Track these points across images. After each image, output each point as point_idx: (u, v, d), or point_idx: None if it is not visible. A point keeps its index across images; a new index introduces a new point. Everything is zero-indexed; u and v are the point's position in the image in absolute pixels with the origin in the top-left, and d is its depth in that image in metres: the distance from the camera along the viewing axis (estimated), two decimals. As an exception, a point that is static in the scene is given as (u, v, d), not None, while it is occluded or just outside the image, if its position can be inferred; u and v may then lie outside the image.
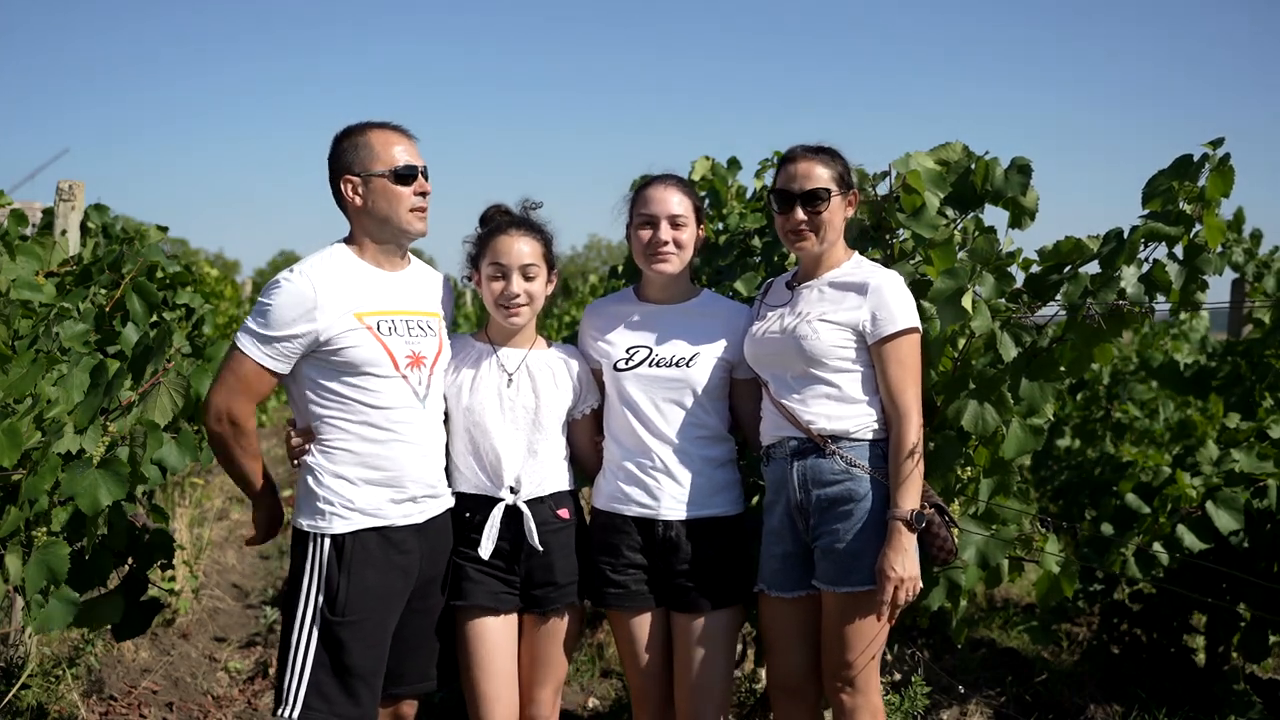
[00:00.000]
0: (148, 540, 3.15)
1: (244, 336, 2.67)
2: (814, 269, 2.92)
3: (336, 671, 2.66)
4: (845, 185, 2.88)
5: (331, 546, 2.68)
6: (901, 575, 2.68)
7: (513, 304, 2.90)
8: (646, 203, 2.98)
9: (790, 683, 2.95)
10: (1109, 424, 6.48)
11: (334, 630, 2.66)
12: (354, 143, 2.77)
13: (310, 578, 2.68)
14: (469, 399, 2.91)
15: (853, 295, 2.80)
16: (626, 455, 2.97)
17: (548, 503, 2.93)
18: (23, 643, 4.21)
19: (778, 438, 2.88)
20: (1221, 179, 2.90)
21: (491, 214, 3.06)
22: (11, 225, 3.77)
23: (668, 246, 2.95)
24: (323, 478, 2.71)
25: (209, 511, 7.63)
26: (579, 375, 3.03)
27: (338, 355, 2.68)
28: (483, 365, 2.96)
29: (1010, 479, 3.20)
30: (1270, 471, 4.06)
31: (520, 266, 2.90)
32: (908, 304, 2.79)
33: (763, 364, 2.92)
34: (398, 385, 2.73)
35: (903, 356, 2.76)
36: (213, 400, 2.69)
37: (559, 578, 2.92)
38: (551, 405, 2.96)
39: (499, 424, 2.90)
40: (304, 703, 2.64)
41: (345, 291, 2.70)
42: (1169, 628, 4.64)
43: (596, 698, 4.62)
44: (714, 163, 4.20)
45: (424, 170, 2.80)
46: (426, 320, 2.84)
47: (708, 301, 3.09)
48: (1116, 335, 3.00)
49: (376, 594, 2.70)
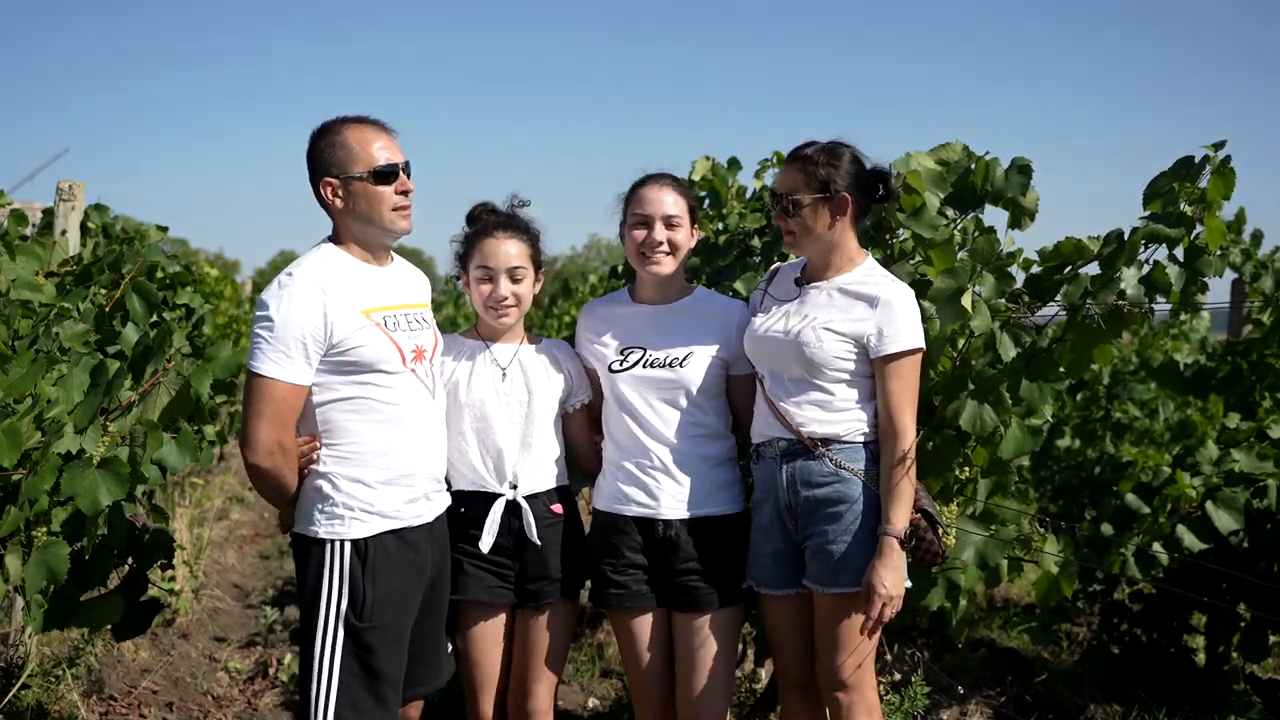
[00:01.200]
0: (148, 540, 3.15)
1: (261, 361, 2.54)
2: (823, 269, 2.88)
3: (366, 679, 2.60)
4: (827, 190, 2.78)
5: (353, 552, 2.62)
6: (891, 593, 2.68)
7: (501, 306, 2.93)
8: (641, 203, 2.97)
9: (796, 677, 2.96)
10: (1109, 424, 6.48)
11: (362, 637, 2.59)
12: (330, 142, 2.67)
13: (331, 585, 2.60)
14: (468, 395, 2.93)
15: (862, 306, 2.77)
16: (625, 456, 2.97)
17: (542, 498, 2.96)
18: (23, 643, 4.21)
19: (768, 437, 2.88)
20: (1222, 181, 2.90)
21: (478, 213, 3.06)
22: (11, 225, 3.78)
23: (662, 247, 2.94)
24: (339, 483, 2.64)
25: (209, 511, 7.63)
26: (569, 368, 3.06)
27: (349, 355, 2.61)
28: (477, 361, 2.98)
29: (1009, 479, 3.20)
30: (1270, 471, 4.06)
31: (507, 269, 2.92)
32: (915, 322, 2.76)
33: (761, 360, 2.91)
34: (407, 380, 2.71)
35: (904, 374, 2.75)
36: (258, 437, 2.55)
37: (552, 572, 2.95)
38: (544, 398, 2.99)
39: (499, 417, 2.93)
40: (336, 714, 2.57)
41: (348, 289, 2.65)
42: (1169, 628, 4.64)
43: (596, 698, 4.62)
44: (714, 163, 4.20)
45: (405, 166, 2.71)
46: (420, 313, 2.83)
47: (702, 300, 3.08)
48: (1116, 336, 3.00)
49: (399, 597, 2.66)
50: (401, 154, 2.73)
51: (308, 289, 2.58)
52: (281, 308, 2.55)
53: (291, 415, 2.59)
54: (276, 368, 2.54)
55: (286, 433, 2.58)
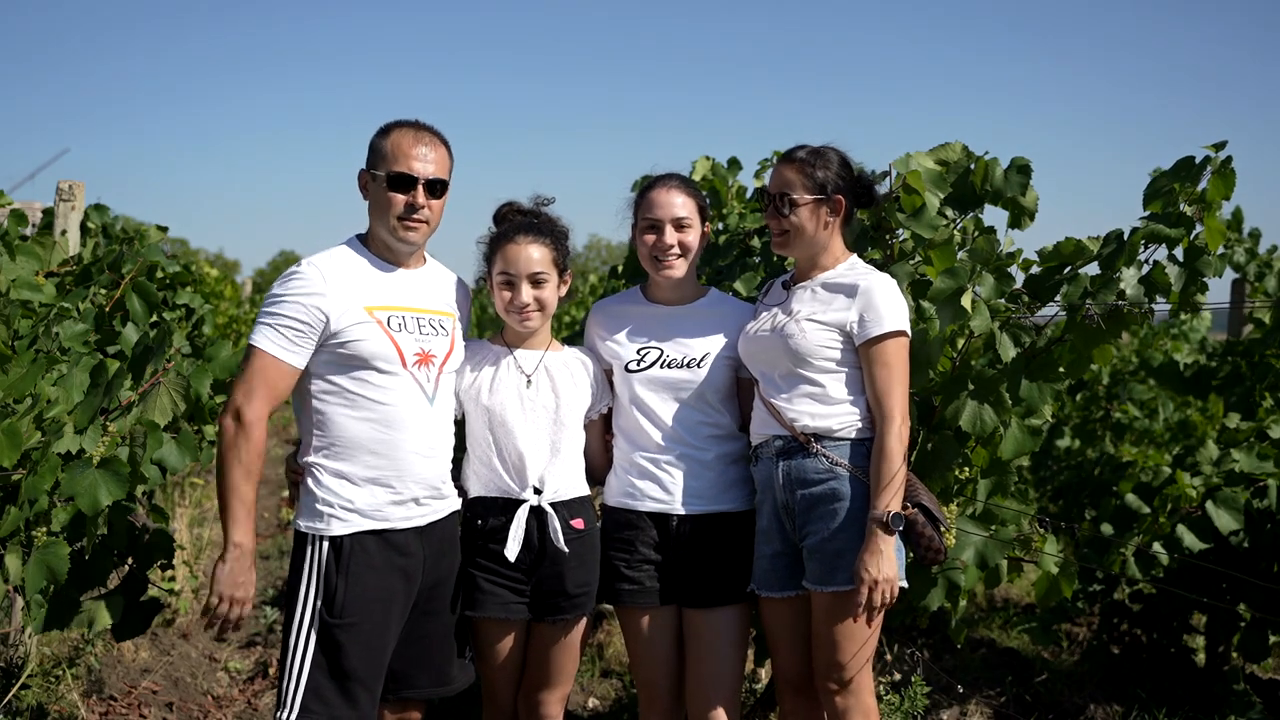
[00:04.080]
0: (148, 540, 3.15)
1: (257, 333, 2.65)
2: (808, 270, 2.93)
3: (334, 674, 2.64)
4: (823, 191, 2.84)
5: (330, 548, 2.67)
6: (876, 577, 2.67)
7: (523, 311, 2.91)
8: (650, 206, 2.98)
9: (795, 679, 2.96)
10: (1109, 424, 6.48)
11: (332, 633, 2.65)
12: (381, 139, 2.77)
13: (308, 580, 2.67)
14: (489, 399, 2.90)
15: (842, 296, 2.81)
16: (639, 453, 2.97)
17: (564, 511, 2.91)
18: (23, 643, 4.21)
19: (765, 436, 2.89)
20: (1222, 181, 2.91)
21: (505, 212, 3.05)
22: (11, 225, 3.78)
23: (673, 250, 2.95)
24: (323, 477, 2.69)
25: (209, 511, 7.63)
26: (596, 375, 3.04)
27: (346, 347, 2.66)
28: (501, 366, 2.95)
29: (1008, 479, 3.20)
30: (1270, 471, 4.06)
31: (529, 275, 2.89)
32: (897, 307, 2.79)
33: (753, 361, 2.93)
34: (405, 382, 2.72)
35: (888, 359, 2.76)
36: (230, 398, 2.66)
37: (570, 588, 2.90)
38: (572, 404, 2.96)
39: (521, 423, 2.90)
40: (301, 705, 2.63)
41: (354, 284, 2.71)
42: (1169, 628, 4.64)
43: (596, 698, 4.62)
44: (714, 163, 4.20)
45: (428, 182, 2.73)
46: (439, 319, 2.83)
47: (715, 301, 3.09)
48: (1116, 336, 3.00)
49: (375, 597, 2.68)
50: (438, 171, 2.76)
51: (312, 277, 2.67)
52: (285, 291, 2.66)
53: (264, 386, 2.63)
54: (264, 340, 2.65)
55: (251, 404, 2.62)
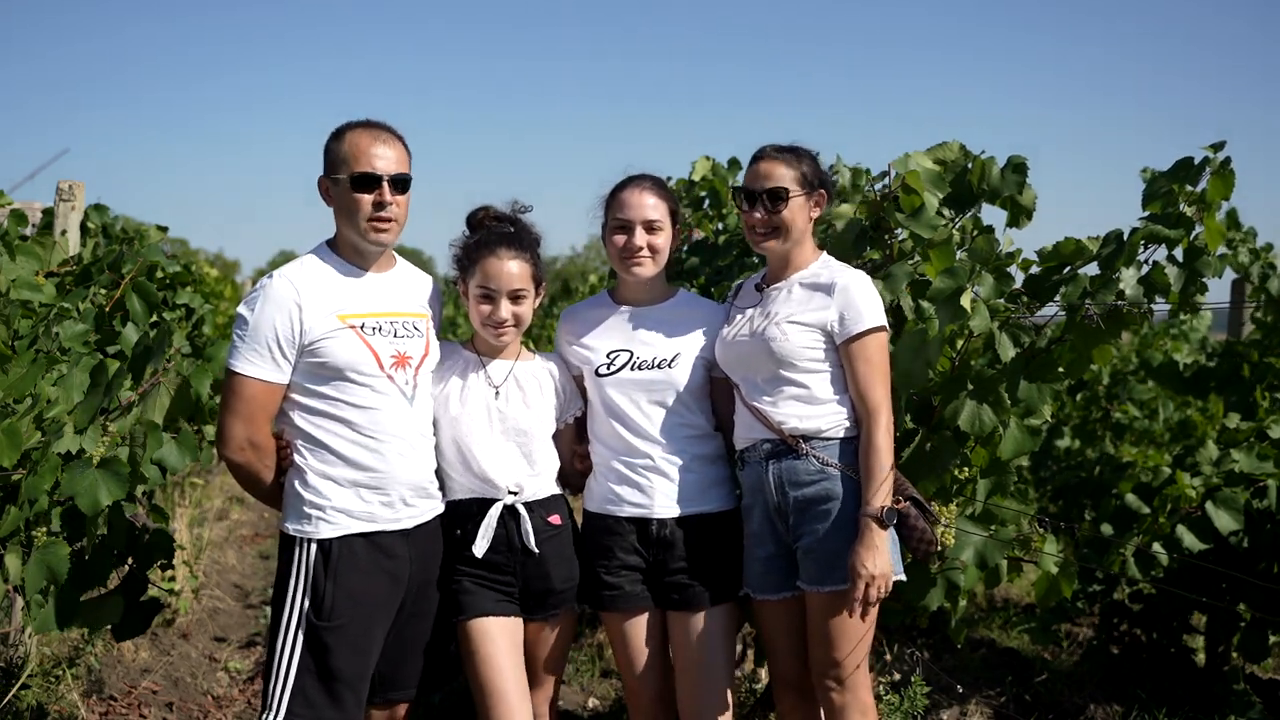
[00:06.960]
0: (148, 540, 3.15)
1: (236, 360, 2.63)
2: (782, 270, 2.93)
3: (321, 677, 2.65)
4: (810, 186, 2.87)
5: (318, 551, 2.67)
6: (872, 573, 2.68)
7: (500, 326, 2.90)
8: (621, 207, 2.97)
9: (792, 679, 2.96)
10: (1109, 424, 6.48)
11: (319, 635, 2.65)
12: (335, 143, 2.73)
13: (296, 583, 2.67)
14: (457, 410, 2.90)
15: (820, 295, 2.82)
16: (615, 457, 2.96)
17: (538, 510, 2.92)
18: (23, 643, 4.21)
19: (751, 440, 2.89)
20: (1222, 182, 2.91)
21: (480, 218, 3.01)
22: (11, 225, 3.78)
23: (643, 252, 2.95)
24: (309, 480, 2.69)
25: (209, 511, 7.64)
26: (562, 383, 3.04)
27: (321, 357, 2.65)
28: (470, 378, 2.94)
29: (1008, 479, 3.20)
30: (1270, 471, 4.06)
31: (510, 291, 2.88)
32: (874, 303, 2.81)
33: (733, 367, 2.93)
34: (384, 385, 2.72)
35: (870, 355, 2.78)
36: (230, 433, 2.64)
37: (556, 584, 2.92)
38: (541, 414, 2.97)
39: (486, 436, 2.89)
40: (288, 708, 2.63)
41: (326, 293, 2.69)
42: (1169, 628, 4.63)
43: (596, 698, 4.62)
44: (714, 163, 4.20)
45: (392, 179, 2.69)
46: (413, 321, 2.82)
47: (685, 301, 3.09)
48: (1115, 336, 3.00)
49: (362, 599, 2.69)
50: (399, 166, 2.72)
51: (282, 291, 2.65)
52: (256, 309, 2.64)
53: (263, 412, 2.66)
54: (249, 365, 2.63)
55: (257, 429, 2.66)
